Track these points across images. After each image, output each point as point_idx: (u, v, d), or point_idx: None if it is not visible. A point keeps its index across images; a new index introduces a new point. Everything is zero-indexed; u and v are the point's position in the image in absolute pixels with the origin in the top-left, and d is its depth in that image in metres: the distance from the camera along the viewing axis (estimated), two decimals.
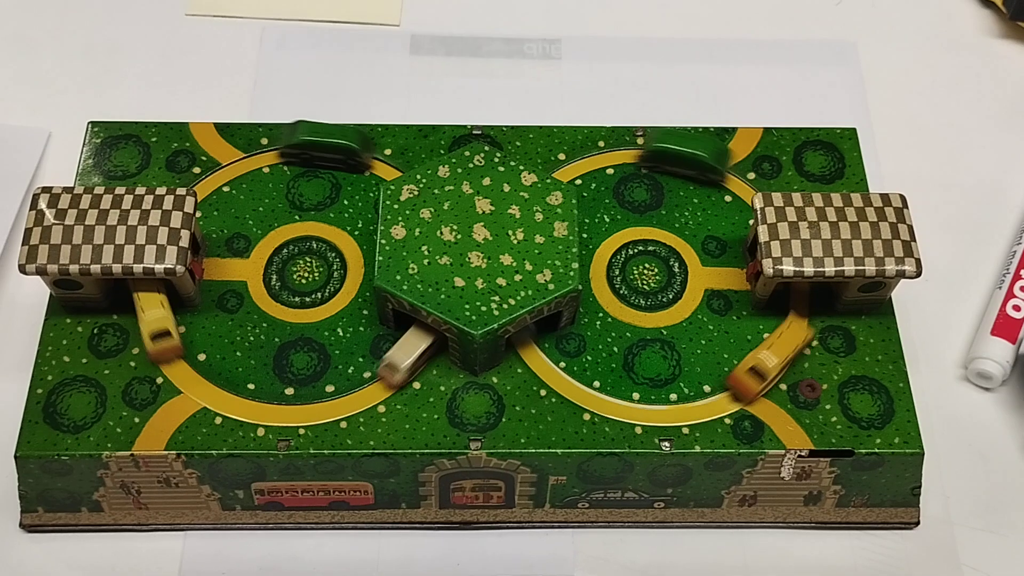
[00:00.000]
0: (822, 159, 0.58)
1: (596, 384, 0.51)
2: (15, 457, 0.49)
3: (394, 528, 0.53)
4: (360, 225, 0.55)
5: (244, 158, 0.57)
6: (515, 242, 0.51)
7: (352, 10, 0.70)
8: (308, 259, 0.54)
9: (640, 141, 0.58)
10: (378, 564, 0.52)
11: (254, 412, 0.50)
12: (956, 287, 0.61)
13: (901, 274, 0.50)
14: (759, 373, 0.50)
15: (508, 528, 0.53)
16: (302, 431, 0.50)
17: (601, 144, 0.58)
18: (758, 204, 0.52)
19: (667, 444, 0.50)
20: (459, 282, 0.50)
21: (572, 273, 0.50)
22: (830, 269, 0.50)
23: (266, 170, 0.56)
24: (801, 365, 0.52)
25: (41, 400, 0.50)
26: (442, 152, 0.57)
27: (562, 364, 0.52)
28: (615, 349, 0.52)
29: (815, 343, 0.52)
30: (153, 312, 0.50)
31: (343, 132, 0.55)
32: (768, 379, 0.50)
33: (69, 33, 0.69)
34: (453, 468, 0.50)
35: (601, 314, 0.53)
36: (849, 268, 0.50)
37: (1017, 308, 0.58)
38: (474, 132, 0.58)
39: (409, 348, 0.50)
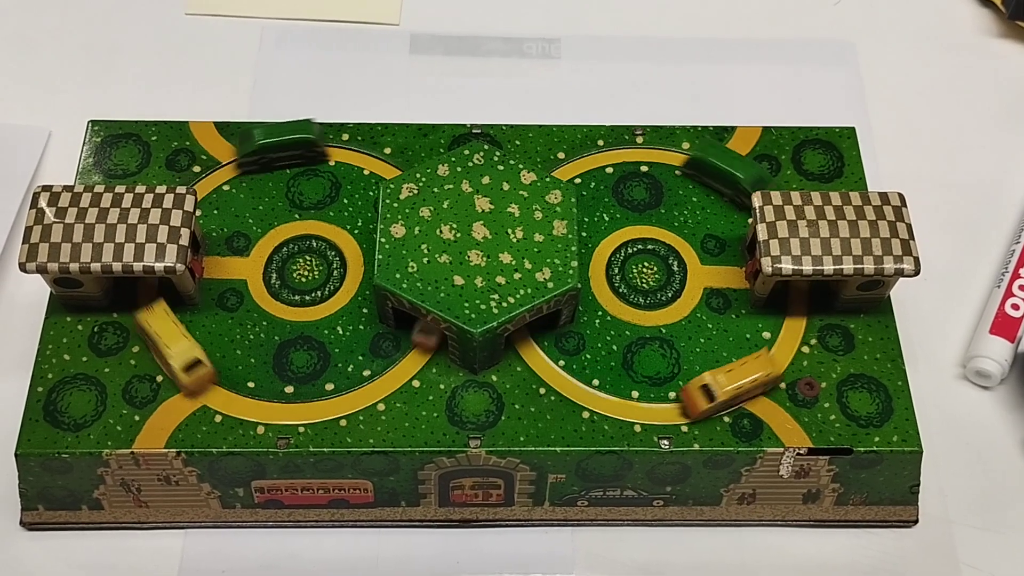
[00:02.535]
0: (821, 158, 0.58)
1: (595, 382, 0.51)
2: (16, 455, 0.49)
3: (393, 526, 0.53)
4: (360, 224, 0.55)
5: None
6: (514, 240, 0.51)
7: (352, 9, 0.70)
8: (308, 258, 0.54)
9: (685, 147, 0.57)
10: (377, 562, 0.52)
11: (254, 410, 0.50)
12: (954, 286, 0.61)
13: (899, 272, 0.50)
14: (709, 393, 0.50)
15: (507, 526, 0.53)
16: (302, 429, 0.50)
17: (600, 143, 0.58)
18: (757, 203, 0.52)
19: (666, 442, 0.50)
20: (458, 280, 0.50)
21: (571, 271, 0.50)
22: (828, 268, 0.50)
23: None
24: (800, 363, 0.52)
25: (41, 398, 0.50)
26: (442, 151, 0.57)
27: (561, 362, 0.52)
28: (614, 347, 0.52)
29: (813, 342, 0.52)
30: (179, 345, 0.50)
31: (296, 127, 0.56)
32: (716, 402, 0.49)
33: (69, 33, 0.69)
34: (452, 466, 0.50)
35: (600, 312, 0.53)
36: (848, 267, 0.50)
37: (1016, 307, 0.58)
38: (474, 131, 0.58)
39: None
